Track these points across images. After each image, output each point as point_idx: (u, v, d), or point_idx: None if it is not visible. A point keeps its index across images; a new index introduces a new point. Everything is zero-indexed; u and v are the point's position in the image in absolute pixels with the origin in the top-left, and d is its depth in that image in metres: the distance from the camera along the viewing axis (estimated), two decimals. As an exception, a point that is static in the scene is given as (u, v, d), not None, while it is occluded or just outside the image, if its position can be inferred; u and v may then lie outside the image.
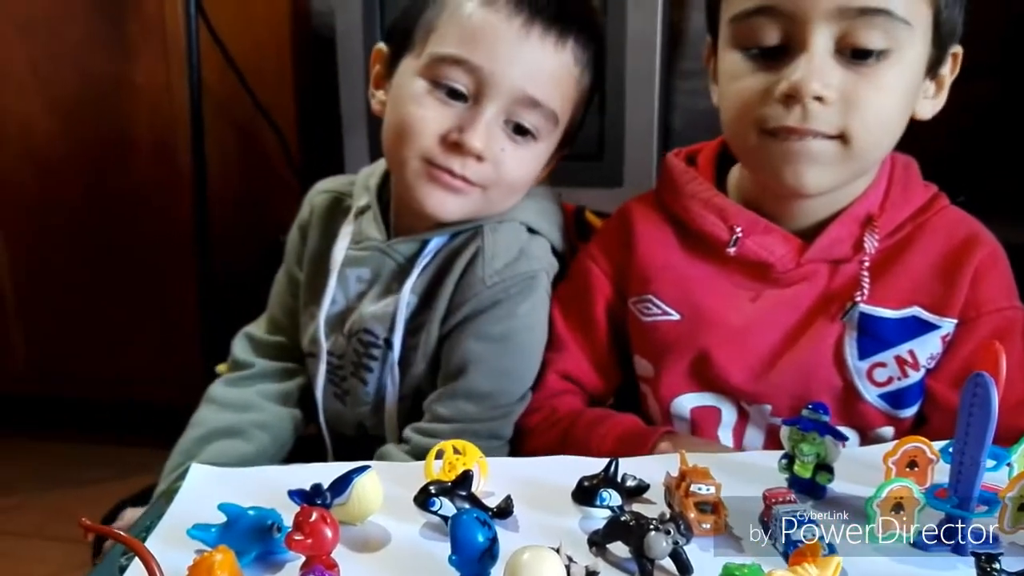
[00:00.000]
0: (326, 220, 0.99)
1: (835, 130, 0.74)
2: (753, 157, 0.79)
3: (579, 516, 0.61)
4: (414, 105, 0.85)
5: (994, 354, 0.56)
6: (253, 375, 1.00)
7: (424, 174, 0.85)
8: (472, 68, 0.82)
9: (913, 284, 0.79)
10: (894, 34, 0.72)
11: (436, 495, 0.58)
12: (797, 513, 0.56)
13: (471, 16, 0.83)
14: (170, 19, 1.86)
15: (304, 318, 0.98)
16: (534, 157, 0.88)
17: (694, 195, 0.84)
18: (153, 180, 1.98)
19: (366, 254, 0.93)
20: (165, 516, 0.62)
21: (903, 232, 0.81)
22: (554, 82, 0.85)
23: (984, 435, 0.53)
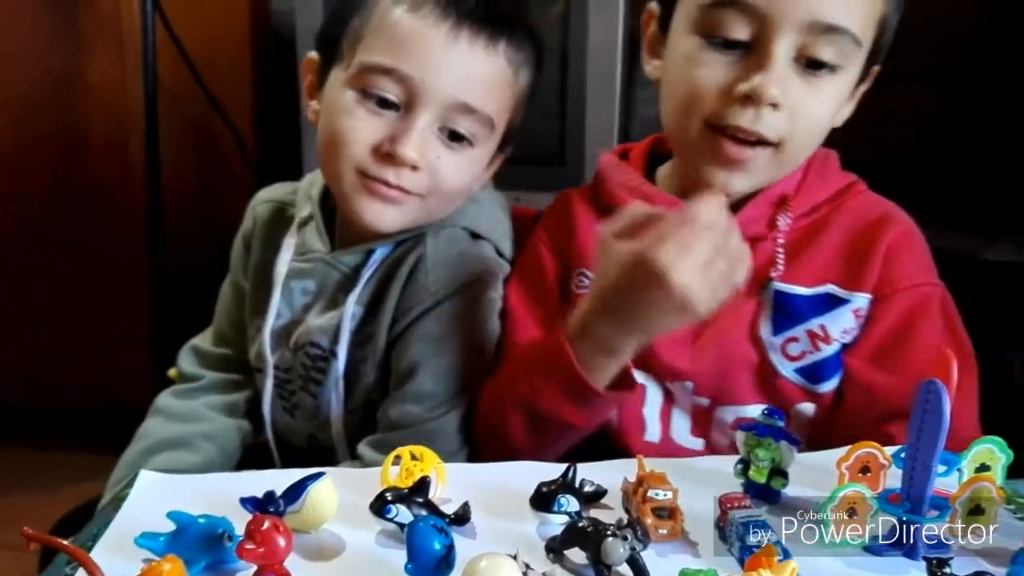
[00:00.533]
0: (269, 231, 0.97)
1: (776, 137, 0.77)
2: (691, 148, 0.81)
3: (537, 522, 0.61)
4: (344, 116, 0.83)
5: (945, 361, 0.57)
6: (200, 387, 0.98)
7: (359, 186, 0.84)
8: (401, 77, 0.81)
9: (826, 262, 0.81)
10: (847, 53, 0.76)
11: (392, 502, 0.57)
12: (752, 518, 0.57)
13: (397, 23, 0.82)
14: (125, 14, 1.83)
15: (250, 331, 0.97)
16: (471, 163, 0.87)
17: (623, 184, 0.87)
18: (106, 178, 1.94)
19: (310, 266, 0.92)
20: (112, 524, 0.60)
21: (819, 214, 0.84)
22: (488, 87, 0.84)
23: (936, 441, 0.54)
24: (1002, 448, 0.61)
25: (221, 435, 0.94)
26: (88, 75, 1.90)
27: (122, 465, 0.91)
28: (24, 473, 2.06)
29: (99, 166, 1.94)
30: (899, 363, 0.78)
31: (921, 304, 0.80)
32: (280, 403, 0.95)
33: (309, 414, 0.92)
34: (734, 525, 0.56)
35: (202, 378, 0.99)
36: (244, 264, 1.00)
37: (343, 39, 0.86)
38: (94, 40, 1.87)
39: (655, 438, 0.82)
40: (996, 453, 0.61)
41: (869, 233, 0.82)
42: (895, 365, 0.78)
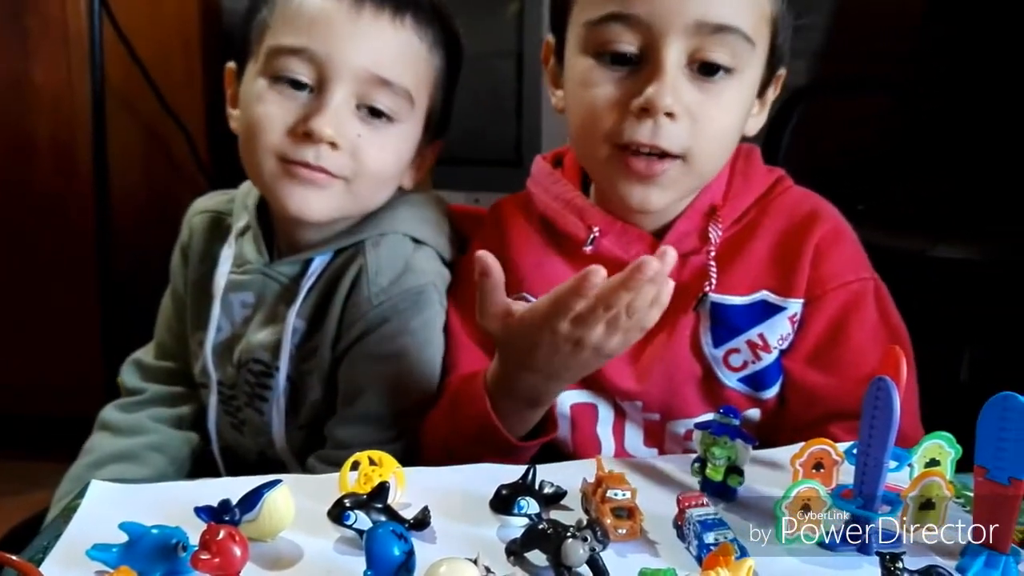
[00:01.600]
0: (206, 242, 0.95)
1: (680, 149, 0.76)
2: (602, 171, 0.81)
3: (497, 525, 0.61)
4: (258, 104, 0.82)
5: (895, 359, 0.58)
6: (144, 400, 0.96)
7: (280, 172, 0.82)
8: (310, 55, 0.81)
9: (758, 269, 0.82)
10: (740, 53, 0.76)
11: (351, 508, 0.57)
12: (709, 516, 0.57)
13: (300, 6, 0.82)
14: (72, 14, 1.79)
15: (192, 345, 0.95)
16: (395, 143, 0.85)
17: (557, 196, 0.86)
18: (53, 181, 1.90)
19: (248, 278, 0.90)
20: (63, 536, 0.59)
21: (747, 218, 0.84)
22: (400, 60, 0.83)
23: (887, 437, 0.55)
24: (951, 443, 0.63)
25: (169, 446, 0.93)
26: (33, 75, 1.85)
27: (68, 480, 0.89)
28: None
29: (46, 169, 1.89)
30: (836, 363, 0.79)
31: (853, 301, 0.81)
32: (227, 419, 0.93)
33: (256, 430, 0.91)
34: (692, 524, 0.57)
35: (145, 391, 0.97)
36: (183, 277, 0.97)
37: (252, 34, 0.85)
38: (39, 40, 1.83)
39: (610, 453, 0.82)
40: (945, 448, 0.63)
41: (796, 235, 0.82)
42: (832, 365, 0.79)
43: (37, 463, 1.94)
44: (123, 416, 0.95)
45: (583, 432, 0.83)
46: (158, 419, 0.95)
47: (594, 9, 0.77)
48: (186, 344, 0.97)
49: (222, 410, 0.92)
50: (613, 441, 0.83)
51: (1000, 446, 0.53)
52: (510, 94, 1.74)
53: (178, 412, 0.96)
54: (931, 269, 1.46)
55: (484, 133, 1.78)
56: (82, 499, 0.64)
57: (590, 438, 0.83)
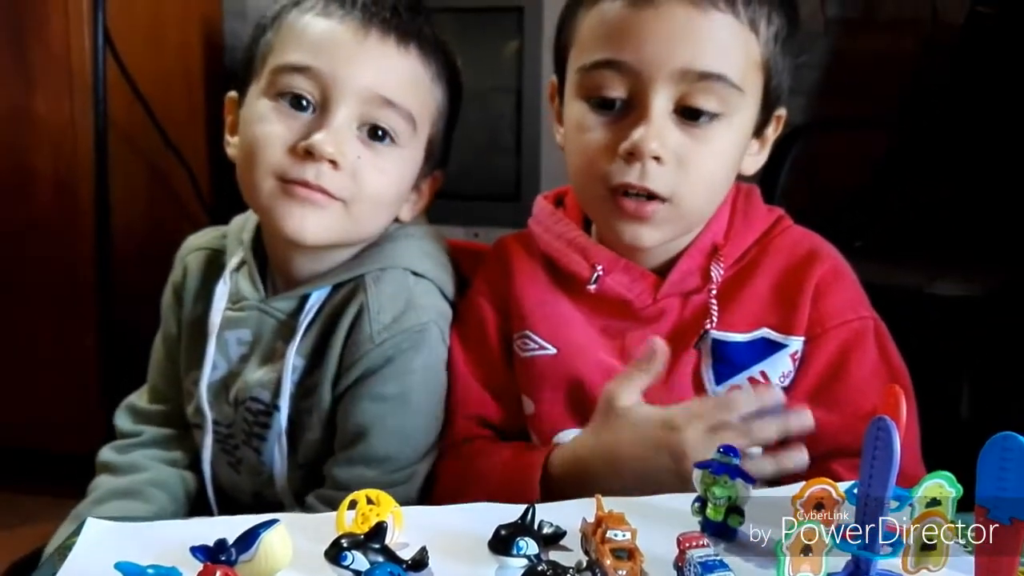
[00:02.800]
0: (201, 280, 0.94)
1: (668, 191, 0.78)
2: (597, 211, 0.83)
3: (495, 565, 0.60)
4: (259, 124, 0.83)
5: (895, 398, 0.58)
6: (140, 442, 0.96)
7: (278, 192, 0.82)
8: (315, 74, 0.81)
9: (759, 306, 0.83)
10: (727, 99, 0.78)
11: (348, 548, 0.56)
12: (710, 557, 0.57)
13: (307, 26, 0.83)
14: (75, 49, 1.81)
15: (186, 385, 0.94)
16: (396, 166, 0.85)
17: (560, 235, 0.87)
18: (54, 217, 1.91)
19: (244, 314, 0.89)
20: (59, 573, 0.58)
21: (748, 257, 0.85)
22: (404, 84, 0.84)
23: (887, 477, 0.55)
24: (951, 483, 0.62)
25: (169, 483, 0.92)
26: (36, 110, 1.87)
27: (71, 518, 0.89)
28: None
29: (47, 204, 1.90)
30: (837, 400, 0.79)
31: (853, 339, 0.81)
32: (224, 458, 0.92)
33: (253, 470, 0.90)
34: (692, 565, 0.57)
35: (141, 434, 0.96)
36: (176, 317, 0.96)
37: (255, 59, 0.86)
38: (42, 75, 1.85)
39: None
40: (946, 488, 0.62)
41: (797, 273, 0.83)
42: (833, 403, 0.79)
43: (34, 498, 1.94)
44: (120, 456, 0.94)
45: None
46: (154, 459, 0.94)
47: (587, 55, 0.79)
48: (179, 386, 0.96)
49: (218, 449, 0.91)
50: None
51: (1000, 486, 0.53)
52: (509, 130, 1.76)
53: (172, 455, 0.95)
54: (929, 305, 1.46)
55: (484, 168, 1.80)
56: (78, 537, 0.63)
57: None
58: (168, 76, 1.94)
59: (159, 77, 1.92)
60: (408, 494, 0.84)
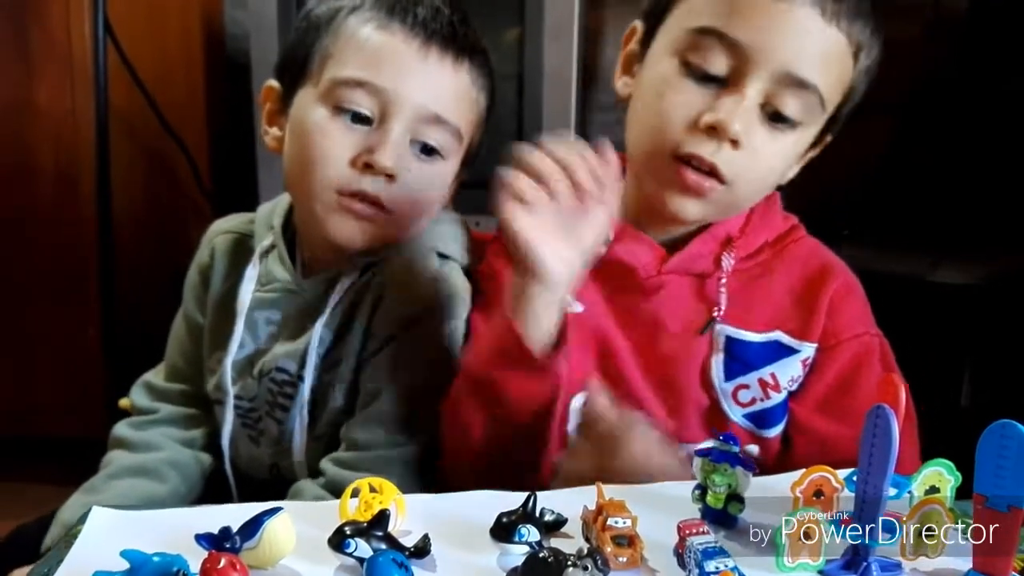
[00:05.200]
0: (230, 262, 0.96)
1: (731, 175, 0.78)
2: (651, 172, 0.82)
3: (497, 553, 0.60)
4: (319, 135, 0.84)
5: (893, 387, 0.59)
6: (157, 420, 0.97)
7: (335, 206, 0.84)
8: (375, 89, 0.83)
9: (775, 309, 0.84)
10: (810, 111, 0.79)
11: (351, 536, 0.57)
12: (710, 544, 0.57)
13: (368, 40, 0.84)
14: (76, 38, 1.80)
15: (210, 364, 0.95)
16: (441, 176, 0.88)
17: None
18: (55, 204, 1.90)
19: (274, 296, 0.91)
20: (64, 562, 0.59)
21: (762, 256, 0.86)
22: (456, 100, 0.86)
23: (886, 465, 0.55)
24: (951, 471, 0.63)
25: (184, 463, 0.93)
26: (37, 99, 1.86)
27: (82, 490, 0.89)
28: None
29: (48, 192, 1.90)
30: (845, 412, 0.80)
31: (864, 354, 0.83)
32: (245, 432, 0.93)
33: (274, 441, 0.91)
34: (692, 552, 0.57)
35: (158, 411, 0.97)
36: (200, 298, 0.98)
37: (311, 60, 0.87)
38: (42, 64, 1.84)
39: None
40: (945, 475, 0.63)
41: (813, 283, 0.84)
42: (841, 414, 0.80)
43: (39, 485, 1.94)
44: (136, 433, 0.95)
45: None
46: (170, 438, 0.95)
47: (700, 18, 0.78)
48: (198, 366, 0.97)
49: (239, 423, 0.93)
50: None
51: (999, 474, 0.54)
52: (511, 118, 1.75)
53: (190, 435, 0.96)
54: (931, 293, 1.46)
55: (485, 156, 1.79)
56: (83, 525, 0.64)
57: None
58: (169, 64, 1.93)
59: (160, 65, 1.91)
60: (421, 453, 0.86)
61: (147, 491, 0.88)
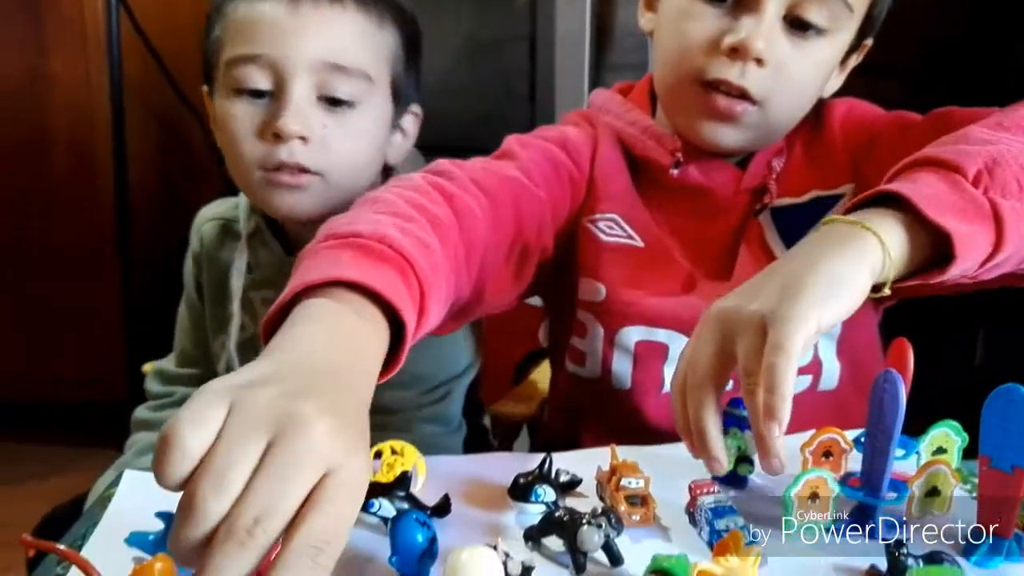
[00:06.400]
0: (217, 249, 0.97)
1: (761, 95, 0.77)
2: (682, 104, 0.81)
3: (515, 512, 0.63)
4: (229, 120, 0.84)
5: (903, 350, 0.60)
6: (173, 401, 0.99)
7: (264, 181, 0.84)
8: (263, 60, 0.82)
9: (801, 174, 0.84)
10: (837, 16, 0.77)
11: (375, 496, 0.59)
12: (721, 504, 0.59)
13: (244, 15, 0.83)
14: (89, 9, 1.81)
15: (215, 348, 0.97)
16: (363, 126, 0.86)
17: (633, 122, 0.85)
18: (71, 175, 1.93)
19: (265, 276, 0.93)
20: (100, 524, 0.61)
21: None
22: (351, 43, 0.83)
23: (893, 427, 0.57)
24: (957, 432, 0.64)
25: None
26: (51, 70, 1.87)
27: (113, 468, 0.92)
28: (0, 467, 2.05)
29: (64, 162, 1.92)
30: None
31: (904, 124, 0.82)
32: None
33: None
34: (703, 511, 0.59)
35: (173, 394, 1.00)
36: (197, 284, 1.00)
37: (211, 54, 0.87)
38: (58, 35, 1.85)
39: None
40: (952, 437, 0.64)
41: (823, 127, 0.85)
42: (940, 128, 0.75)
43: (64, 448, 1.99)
44: (155, 414, 0.98)
45: (647, 370, 0.82)
46: None
47: None
48: (206, 349, 0.99)
49: None
50: None
51: (1004, 436, 0.55)
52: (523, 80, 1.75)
53: None
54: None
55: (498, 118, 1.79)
56: (116, 488, 0.66)
57: (654, 376, 0.82)
58: (182, 33, 1.93)
59: (173, 35, 1.91)
60: (446, 412, 0.87)
61: None
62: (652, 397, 0.82)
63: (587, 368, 0.85)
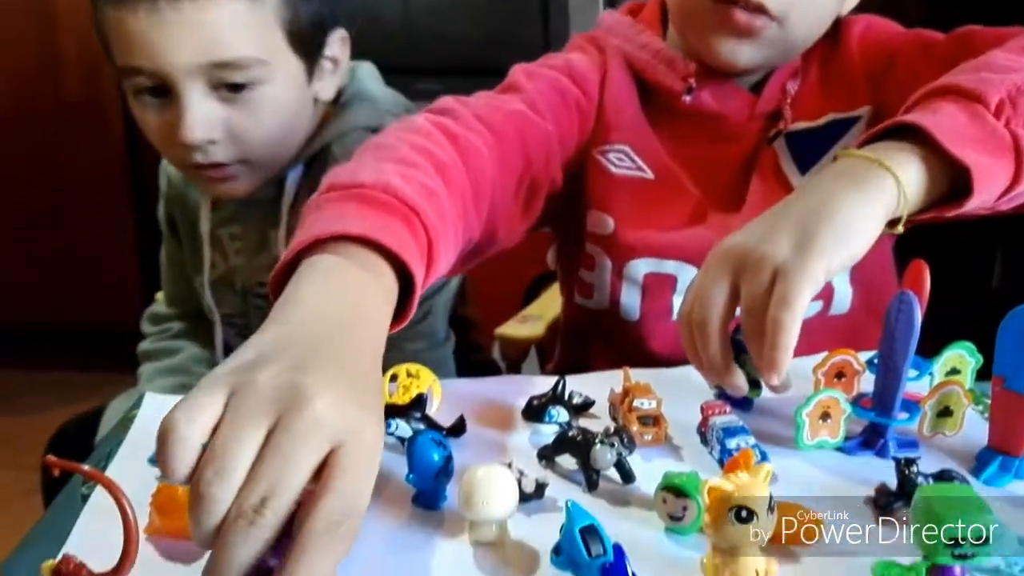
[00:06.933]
0: (184, 188, 0.97)
1: (780, 11, 0.73)
2: (697, 21, 0.77)
3: (529, 432, 0.64)
4: (141, 122, 0.84)
5: (919, 272, 0.59)
6: (170, 335, 1.01)
7: (193, 174, 0.85)
8: (146, 72, 0.79)
9: (817, 97, 0.82)
10: None
11: (391, 417, 0.60)
12: (732, 424, 0.60)
13: (112, 23, 0.79)
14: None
15: (195, 286, 0.98)
16: (272, 100, 0.82)
17: (643, 46, 0.83)
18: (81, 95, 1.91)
19: (230, 211, 0.93)
20: (123, 445, 0.63)
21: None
22: (227, 33, 0.78)
23: (907, 348, 0.57)
24: (972, 353, 0.64)
25: (208, 361, 0.97)
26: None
27: (126, 395, 0.95)
28: (17, 394, 2.09)
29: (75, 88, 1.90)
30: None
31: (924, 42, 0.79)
32: None
33: None
34: (715, 430, 0.59)
35: (168, 330, 1.02)
36: (171, 224, 1.01)
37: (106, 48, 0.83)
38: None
39: None
40: (966, 358, 0.64)
41: (839, 50, 0.82)
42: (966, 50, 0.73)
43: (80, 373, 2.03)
44: (155, 345, 1.00)
45: (655, 301, 0.82)
46: (186, 343, 1.00)
47: None
48: (189, 288, 1.00)
49: (240, 341, 0.95)
50: None
51: (1019, 356, 0.55)
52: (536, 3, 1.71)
53: (202, 343, 1.00)
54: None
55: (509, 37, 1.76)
56: (138, 410, 0.68)
57: (663, 306, 0.82)
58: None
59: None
60: (429, 328, 0.88)
61: (185, 386, 0.92)
62: (661, 326, 0.82)
63: (595, 300, 0.84)
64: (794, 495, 0.54)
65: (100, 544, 0.43)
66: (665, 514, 0.51)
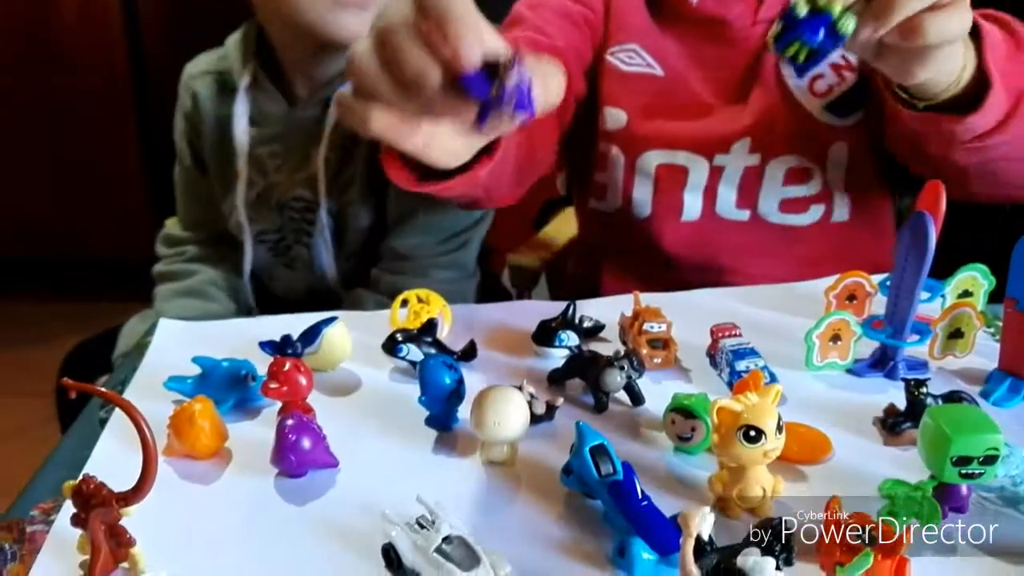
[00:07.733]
0: (216, 105, 0.94)
1: None
2: None
3: (539, 356, 0.64)
4: None
5: (936, 193, 0.59)
6: (186, 258, 1.00)
7: (331, 5, 0.81)
8: None
9: None
10: None
11: (403, 341, 0.60)
12: (742, 346, 0.60)
13: None
14: None
15: (226, 207, 0.96)
16: None
17: None
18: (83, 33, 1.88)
19: (272, 130, 0.91)
20: (139, 369, 0.64)
21: None
22: None
23: (920, 270, 0.56)
24: (985, 275, 0.64)
25: (225, 284, 0.97)
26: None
27: (140, 317, 0.95)
28: (29, 324, 2.11)
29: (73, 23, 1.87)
30: None
31: None
32: (279, 261, 0.96)
33: (307, 266, 0.94)
34: (724, 353, 0.60)
35: (184, 252, 1.00)
36: (195, 146, 0.97)
37: None
38: None
39: (694, 216, 0.83)
40: (979, 280, 0.64)
41: None
42: None
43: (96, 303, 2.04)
44: (171, 267, 0.99)
45: (667, 194, 0.83)
46: (202, 266, 0.99)
47: None
48: (208, 211, 0.98)
49: (271, 255, 0.95)
50: (701, 203, 0.83)
51: (1032, 278, 0.54)
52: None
53: (219, 266, 0.99)
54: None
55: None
56: (152, 336, 0.68)
57: (674, 200, 0.83)
58: None
59: None
60: (464, 259, 0.88)
61: (201, 309, 0.93)
62: (671, 223, 0.83)
63: (608, 201, 0.86)
64: (803, 416, 0.54)
65: (119, 467, 0.44)
66: (674, 435, 0.52)
